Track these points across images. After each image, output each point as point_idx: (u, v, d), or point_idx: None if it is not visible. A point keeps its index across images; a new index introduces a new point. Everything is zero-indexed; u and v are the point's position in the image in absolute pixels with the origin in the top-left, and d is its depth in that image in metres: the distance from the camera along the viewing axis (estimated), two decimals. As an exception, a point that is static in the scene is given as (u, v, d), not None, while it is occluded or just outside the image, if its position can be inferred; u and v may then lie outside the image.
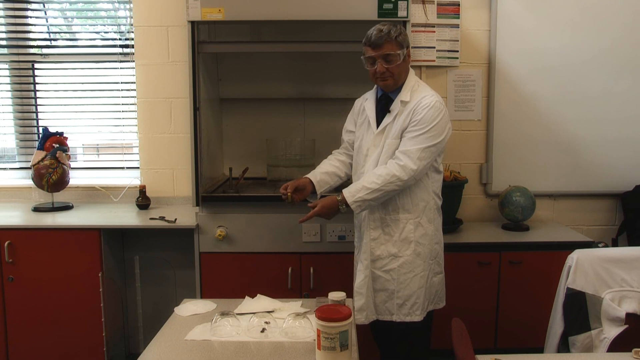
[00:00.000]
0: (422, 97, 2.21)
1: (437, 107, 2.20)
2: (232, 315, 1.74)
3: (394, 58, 2.18)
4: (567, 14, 3.18)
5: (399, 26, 2.24)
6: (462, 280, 2.89)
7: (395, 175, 2.12)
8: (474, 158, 3.33)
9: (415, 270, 2.25)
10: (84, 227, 2.79)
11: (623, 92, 3.23)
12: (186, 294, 2.87)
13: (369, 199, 2.15)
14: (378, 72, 2.20)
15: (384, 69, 2.19)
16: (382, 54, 2.18)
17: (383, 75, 2.21)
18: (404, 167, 2.13)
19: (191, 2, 2.56)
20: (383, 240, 2.27)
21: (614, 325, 1.81)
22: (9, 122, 3.47)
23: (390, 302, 2.27)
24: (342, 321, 1.47)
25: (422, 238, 2.26)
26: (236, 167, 3.02)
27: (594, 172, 3.29)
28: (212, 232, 2.75)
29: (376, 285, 2.28)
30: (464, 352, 1.46)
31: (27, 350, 2.84)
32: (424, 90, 2.28)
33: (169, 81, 3.25)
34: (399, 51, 2.19)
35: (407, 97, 2.23)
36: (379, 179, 2.13)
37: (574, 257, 1.92)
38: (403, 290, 2.25)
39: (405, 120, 2.20)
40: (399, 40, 2.19)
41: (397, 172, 2.13)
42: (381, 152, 2.25)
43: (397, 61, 2.19)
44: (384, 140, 2.25)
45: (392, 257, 2.25)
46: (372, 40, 2.18)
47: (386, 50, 2.17)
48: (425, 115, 2.17)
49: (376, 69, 2.20)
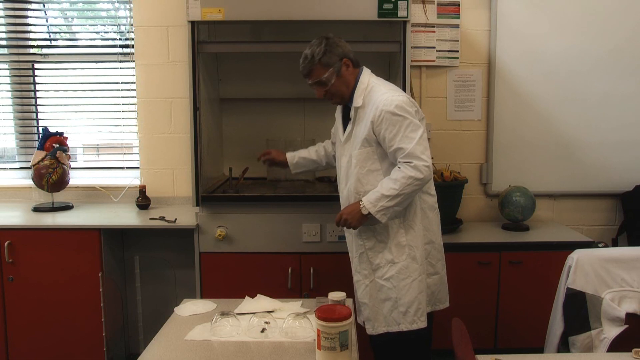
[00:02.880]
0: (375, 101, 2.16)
1: (393, 100, 2.13)
2: (232, 315, 1.74)
3: (325, 82, 2.21)
4: (568, 14, 3.19)
5: (323, 43, 2.20)
6: (462, 280, 2.89)
7: (411, 177, 2.09)
8: (474, 158, 3.33)
9: (412, 275, 2.22)
10: (84, 227, 2.79)
11: (623, 92, 3.24)
12: (186, 294, 2.87)
13: (391, 205, 2.11)
14: (318, 97, 2.25)
15: (322, 94, 2.24)
16: (313, 83, 2.22)
17: (325, 98, 2.26)
18: (416, 166, 2.10)
19: (191, 2, 2.56)
20: (379, 248, 2.24)
21: (614, 325, 1.81)
22: (9, 122, 3.48)
23: (396, 311, 2.23)
24: (342, 321, 1.47)
25: (414, 241, 2.24)
26: (236, 167, 3.02)
27: (594, 172, 3.29)
28: (212, 232, 2.74)
29: (381, 295, 2.25)
30: (464, 352, 1.46)
31: (27, 350, 2.84)
32: (378, 89, 2.21)
33: (169, 81, 3.25)
34: (326, 74, 2.19)
35: (359, 102, 2.22)
36: (396, 184, 2.10)
37: (574, 257, 1.92)
38: (404, 298, 2.21)
39: (366, 127, 2.17)
40: (324, 62, 2.18)
41: (412, 173, 2.09)
42: (348, 161, 2.26)
43: (329, 82, 2.21)
44: (350, 150, 2.26)
45: (389, 264, 2.23)
46: (300, 69, 2.23)
47: (314, 78, 2.21)
48: (391, 117, 2.11)
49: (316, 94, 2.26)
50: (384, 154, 2.19)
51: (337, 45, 2.22)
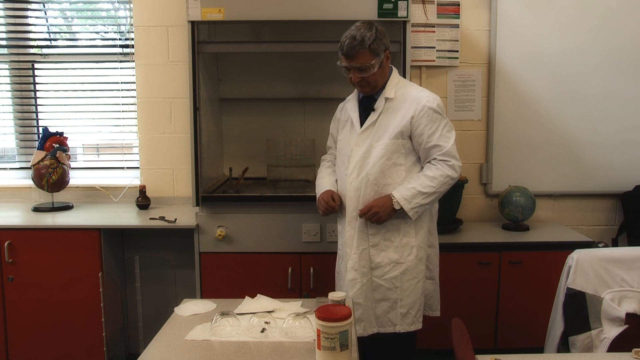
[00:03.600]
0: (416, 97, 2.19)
1: (434, 99, 2.20)
2: (232, 315, 1.74)
3: (369, 68, 2.12)
4: (567, 14, 3.18)
5: (374, 29, 2.13)
6: (462, 280, 2.89)
7: (449, 176, 2.12)
8: (474, 158, 3.32)
9: (418, 277, 2.21)
10: (84, 227, 2.79)
11: (623, 92, 3.24)
12: (186, 294, 2.87)
13: (425, 203, 2.12)
14: (353, 81, 2.17)
15: (359, 79, 2.15)
16: (356, 65, 2.12)
17: (359, 84, 2.18)
18: (453, 166, 2.13)
19: (191, 2, 2.56)
20: (383, 246, 2.20)
21: (614, 325, 1.81)
22: (9, 122, 3.47)
23: (393, 312, 2.20)
24: (342, 321, 1.47)
25: (423, 242, 2.23)
26: (236, 167, 3.02)
27: (594, 172, 3.29)
28: (212, 232, 2.74)
29: (376, 295, 2.20)
30: (464, 352, 1.46)
31: (27, 350, 2.84)
32: (412, 87, 2.26)
33: (169, 81, 3.25)
34: (373, 61, 2.11)
35: (392, 93, 2.20)
36: (434, 182, 2.10)
37: (574, 257, 1.92)
38: (406, 299, 2.19)
39: (404, 119, 2.16)
40: (373, 48, 2.10)
41: (450, 172, 2.12)
42: (367, 150, 2.18)
43: (372, 70, 2.13)
44: (370, 140, 2.19)
45: (393, 264, 2.19)
46: (345, 50, 2.11)
47: (359, 62, 2.11)
48: (432, 113, 2.16)
49: (351, 77, 2.17)
50: (410, 150, 2.19)
51: (384, 35, 2.16)
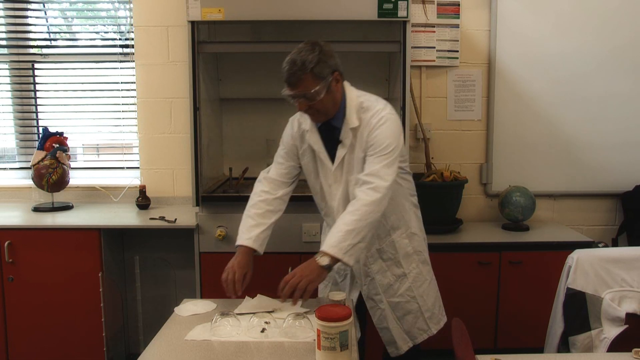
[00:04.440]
0: (371, 116, 1.97)
1: (388, 118, 1.96)
2: (232, 315, 1.74)
3: (315, 95, 1.86)
4: (567, 14, 3.19)
5: (317, 50, 1.87)
6: (462, 280, 2.89)
7: (371, 202, 1.85)
8: (474, 158, 3.32)
9: (427, 278, 2.19)
10: (84, 227, 2.79)
11: (623, 92, 3.24)
12: (186, 294, 2.86)
13: (357, 242, 1.82)
14: (300, 110, 1.94)
15: (306, 106, 1.91)
16: (300, 94, 1.87)
17: (307, 113, 1.95)
18: (376, 187, 1.87)
19: (191, 2, 2.56)
20: (385, 267, 2.14)
21: (614, 325, 1.81)
22: (9, 122, 3.47)
23: (420, 320, 2.17)
24: (342, 321, 1.47)
25: (420, 245, 2.20)
26: (236, 167, 3.02)
27: (594, 172, 3.29)
28: (212, 232, 2.74)
29: (398, 312, 2.15)
30: (464, 352, 1.46)
31: (27, 350, 2.84)
32: (370, 104, 2.01)
33: (169, 81, 3.25)
34: (317, 87, 1.86)
35: (356, 121, 1.96)
36: (356, 215, 1.83)
37: (574, 257, 1.92)
38: (427, 302, 2.17)
39: (362, 148, 1.97)
40: (317, 72, 1.85)
41: (371, 196, 1.85)
42: (345, 186, 2.02)
43: (318, 97, 1.87)
44: (345, 175, 2.01)
45: (400, 277, 2.14)
46: (286, 77, 1.88)
47: (303, 90, 1.86)
48: (380, 133, 1.93)
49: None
50: None
51: (330, 56, 1.91)
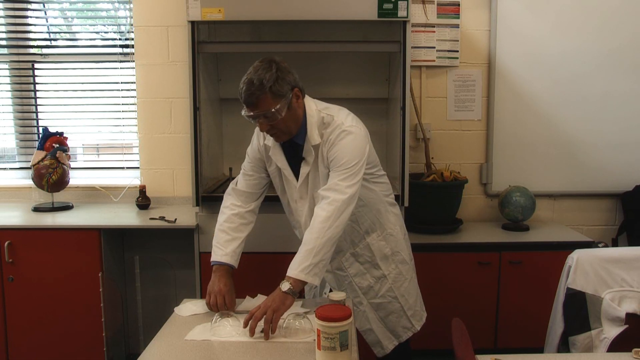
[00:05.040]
0: (331, 132, 1.92)
1: (349, 132, 1.91)
2: (232, 315, 1.74)
3: (275, 114, 1.83)
4: (568, 14, 3.19)
5: (274, 68, 1.82)
6: (462, 280, 2.89)
7: (327, 217, 1.80)
8: (474, 158, 3.33)
9: (407, 276, 2.18)
10: (84, 227, 2.79)
11: (623, 92, 3.24)
12: (186, 294, 2.86)
13: (317, 261, 1.78)
14: (262, 130, 1.90)
15: (268, 127, 1.86)
16: (260, 114, 1.83)
17: (269, 133, 1.91)
18: (333, 201, 1.81)
19: (191, 2, 2.56)
20: (363, 270, 2.13)
21: (614, 325, 1.81)
22: (9, 122, 3.47)
23: (403, 318, 2.17)
24: (342, 321, 1.47)
25: (397, 245, 2.18)
26: (236, 167, 3.01)
27: (594, 172, 3.29)
28: (212, 232, 2.71)
29: (381, 313, 2.16)
30: (464, 352, 1.46)
31: (27, 350, 2.84)
32: (331, 120, 1.95)
33: (169, 81, 3.25)
34: (278, 105, 1.82)
35: (317, 138, 1.93)
36: (314, 233, 1.80)
37: (574, 257, 1.92)
38: (409, 300, 2.17)
39: (324, 163, 1.95)
40: (275, 91, 1.81)
41: (327, 212, 1.80)
42: (311, 202, 2.01)
43: (279, 115, 1.83)
44: (310, 191, 2.00)
45: (380, 279, 2.14)
46: (244, 98, 1.83)
47: (262, 108, 1.82)
48: (339, 149, 1.89)
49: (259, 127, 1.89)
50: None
51: (288, 72, 1.86)
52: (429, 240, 2.91)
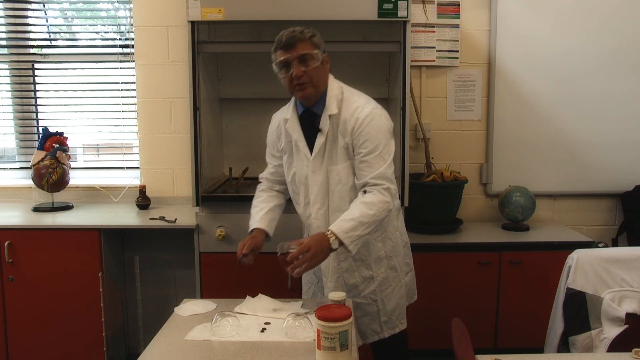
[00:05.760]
0: (355, 110, 1.99)
1: (376, 114, 1.99)
2: (232, 315, 1.74)
3: (311, 59, 1.94)
4: (568, 14, 3.19)
5: (312, 28, 2.00)
6: (462, 280, 2.89)
7: (387, 202, 1.92)
8: (474, 158, 3.33)
9: (392, 284, 2.16)
10: (84, 227, 2.79)
11: (623, 92, 3.24)
12: (186, 294, 2.87)
13: (365, 234, 1.90)
14: (295, 76, 1.94)
15: (302, 72, 1.93)
16: (297, 55, 1.92)
17: (301, 80, 1.94)
18: (389, 189, 1.94)
19: (191, 2, 2.56)
20: (354, 267, 2.12)
21: (614, 325, 1.81)
22: (9, 122, 3.48)
23: (375, 322, 2.16)
24: (342, 321, 1.47)
25: (393, 250, 2.16)
26: (236, 167, 3.02)
27: (594, 172, 3.29)
28: (212, 232, 2.74)
29: (357, 312, 2.13)
30: (464, 352, 1.46)
31: (27, 350, 2.84)
32: (353, 98, 2.04)
33: (169, 81, 3.25)
34: (315, 51, 1.95)
35: (335, 109, 2.00)
36: (372, 209, 1.89)
37: (574, 257, 1.92)
38: (387, 307, 2.15)
39: (345, 137, 2.00)
40: (315, 41, 1.96)
41: (387, 197, 1.93)
42: (324, 177, 2.05)
43: (314, 63, 1.94)
44: (324, 165, 2.04)
45: (367, 280, 2.13)
46: (284, 41, 1.93)
47: (301, 50, 1.92)
48: (371, 131, 1.96)
49: (292, 74, 1.94)
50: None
51: (321, 40, 2.01)
52: (429, 240, 2.91)
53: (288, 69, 1.95)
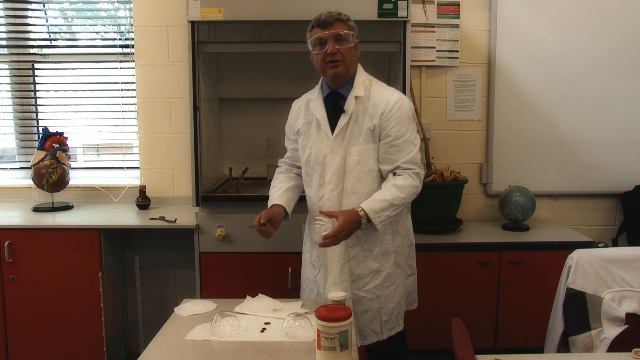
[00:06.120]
0: (385, 94, 2.10)
1: (405, 101, 2.12)
2: (232, 315, 1.74)
3: (346, 38, 2.05)
4: (567, 14, 3.19)
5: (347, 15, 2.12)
6: (462, 280, 2.89)
7: (416, 186, 2.05)
8: (474, 158, 3.33)
9: (396, 282, 2.16)
10: (84, 227, 2.79)
11: (623, 92, 3.24)
12: (186, 294, 2.87)
13: (393, 215, 2.01)
14: (330, 53, 2.03)
15: (336, 50, 2.03)
16: (333, 33, 2.03)
17: (334, 57, 2.03)
18: (419, 174, 2.06)
19: (191, 2, 2.56)
20: (362, 257, 2.12)
21: (614, 325, 1.81)
22: (9, 122, 3.48)
23: (375, 321, 2.15)
24: (342, 321, 1.47)
25: (400, 246, 2.17)
26: (236, 167, 3.02)
27: (594, 172, 3.29)
28: (212, 232, 2.74)
29: (358, 307, 2.13)
30: (464, 352, 1.46)
31: (27, 350, 2.84)
32: (382, 85, 2.16)
33: (169, 81, 3.25)
34: (350, 31, 2.06)
35: (361, 91, 2.09)
36: (404, 192, 2.01)
37: (574, 257, 1.92)
38: (388, 305, 2.14)
39: (373, 120, 2.07)
40: (350, 24, 2.08)
41: (417, 182, 2.05)
42: (343, 157, 2.09)
43: (348, 43, 2.05)
44: (344, 145, 2.09)
45: (373, 273, 2.12)
46: (322, 19, 2.04)
47: (337, 29, 2.04)
48: (401, 116, 2.07)
49: (326, 50, 2.03)
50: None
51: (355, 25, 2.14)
52: (429, 240, 2.91)
53: (323, 46, 2.05)
